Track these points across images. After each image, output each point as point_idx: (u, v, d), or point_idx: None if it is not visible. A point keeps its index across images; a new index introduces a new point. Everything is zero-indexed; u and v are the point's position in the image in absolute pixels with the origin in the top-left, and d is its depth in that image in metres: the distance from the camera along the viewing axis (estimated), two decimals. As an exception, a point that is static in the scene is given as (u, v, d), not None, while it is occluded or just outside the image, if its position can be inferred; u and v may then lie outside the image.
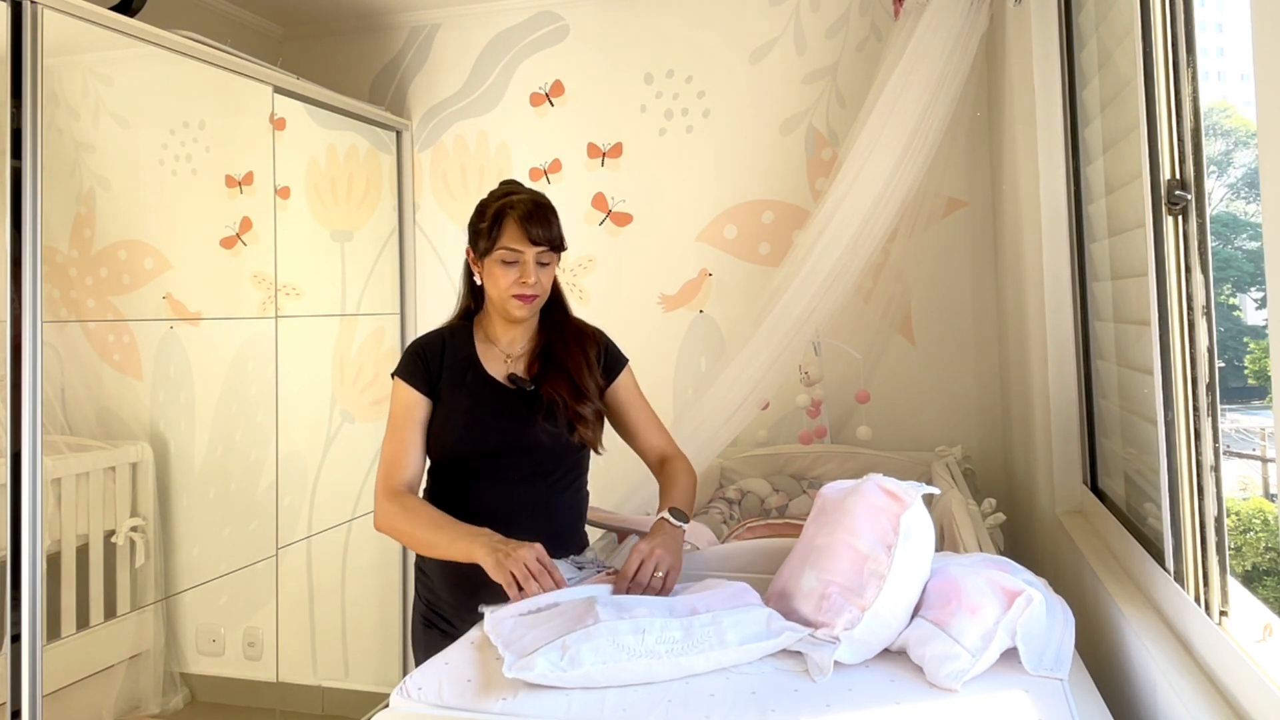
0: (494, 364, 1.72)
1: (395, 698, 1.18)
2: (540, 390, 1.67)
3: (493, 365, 1.71)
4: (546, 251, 1.64)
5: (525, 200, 1.64)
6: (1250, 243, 4.05)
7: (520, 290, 1.63)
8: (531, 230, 1.61)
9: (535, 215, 1.62)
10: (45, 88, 1.97)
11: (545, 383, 1.68)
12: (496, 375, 1.70)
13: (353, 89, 3.32)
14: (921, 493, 1.31)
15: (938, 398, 2.89)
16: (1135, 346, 1.58)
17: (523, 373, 1.71)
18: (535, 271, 1.63)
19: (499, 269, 1.63)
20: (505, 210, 1.63)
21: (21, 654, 1.87)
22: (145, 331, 2.52)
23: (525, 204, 1.63)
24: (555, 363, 1.71)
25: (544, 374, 1.70)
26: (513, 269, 1.63)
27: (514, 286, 1.63)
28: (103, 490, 2.39)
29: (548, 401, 1.66)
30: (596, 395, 1.72)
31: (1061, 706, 1.08)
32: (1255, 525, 4.04)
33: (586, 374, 1.71)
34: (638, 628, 1.19)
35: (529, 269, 1.62)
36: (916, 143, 2.28)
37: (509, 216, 1.62)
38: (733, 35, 3.05)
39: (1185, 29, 1.24)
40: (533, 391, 1.68)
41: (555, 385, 1.67)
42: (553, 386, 1.67)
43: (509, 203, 1.64)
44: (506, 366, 1.72)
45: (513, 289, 1.63)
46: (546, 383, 1.68)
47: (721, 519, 2.40)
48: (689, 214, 3.10)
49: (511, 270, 1.63)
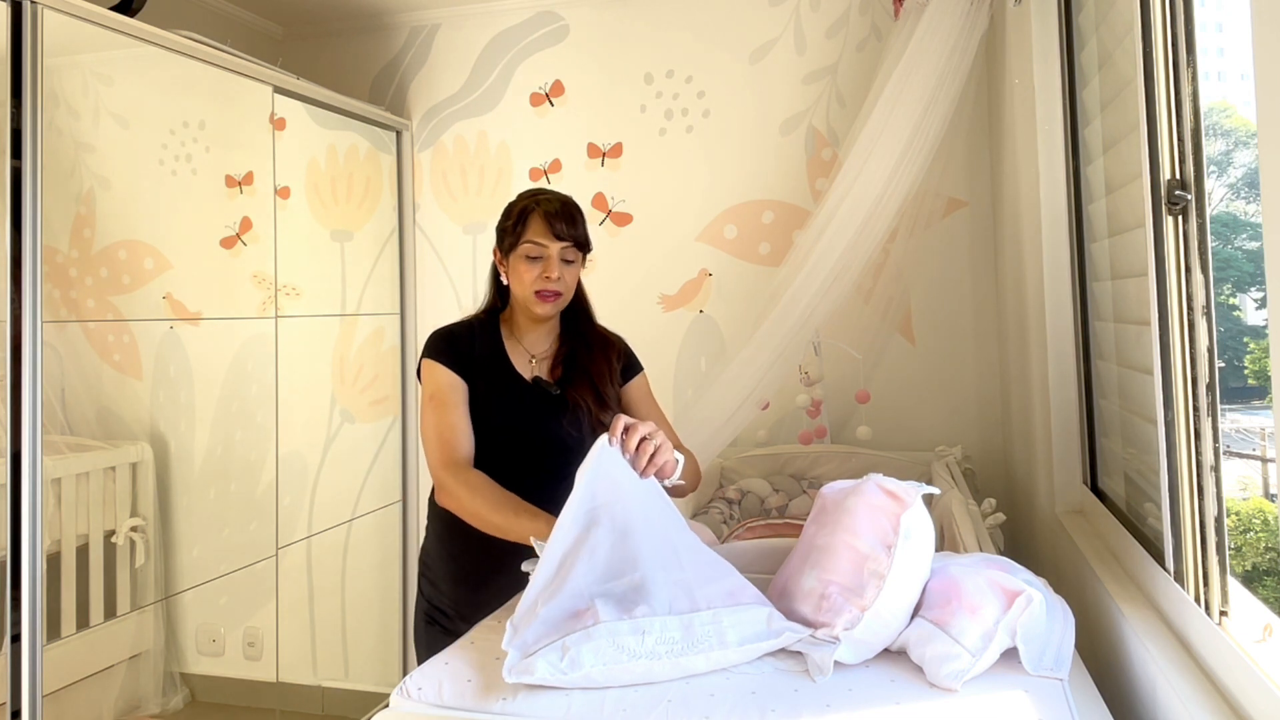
0: (520, 362, 1.74)
1: (395, 698, 1.19)
2: (566, 395, 1.70)
3: (519, 363, 1.74)
4: (571, 248, 1.67)
5: (552, 199, 1.68)
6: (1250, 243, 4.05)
7: (544, 285, 1.65)
8: (556, 225, 1.64)
9: (561, 213, 1.66)
10: (45, 88, 1.97)
11: (570, 388, 1.70)
12: (523, 374, 1.73)
13: (353, 89, 3.32)
14: (921, 493, 1.31)
15: (938, 398, 2.89)
16: (1135, 346, 1.58)
17: (546, 375, 1.74)
18: (559, 268, 1.65)
19: (523, 264, 1.66)
20: (531, 207, 1.66)
21: (21, 654, 1.87)
22: (145, 331, 2.52)
23: (552, 202, 1.67)
24: (579, 368, 1.73)
25: (569, 378, 1.72)
26: (536, 264, 1.65)
27: (537, 282, 1.65)
28: (103, 490, 2.39)
29: (573, 406, 1.68)
30: (616, 403, 1.75)
31: (1061, 706, 1.08)
32: (1255, 525, 4.04)
33: (609, 383, 1.74)
34: (638, 628, 1.19)
35: (553, 264, 1.65)
36: (916, 143, 2.28)
37: (534, 213, 1.65)
38: (733, 35, 3.05)
39: (1185, 29, 1.24)
40: (558, 396, 1.70)
41: (580, 391, 1.69)
42: (578, 392, 1.69)
43: (535, 200, 1.68)
44: (531, 368, 1.74)
45: (536, 284, 1.65)
46: (572, 388, 1.70)
47: (721, 519, 2.40)
48: (689, 214, 3.10)
49: (535, 265, 1.65)
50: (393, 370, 3.32)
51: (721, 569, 1.37)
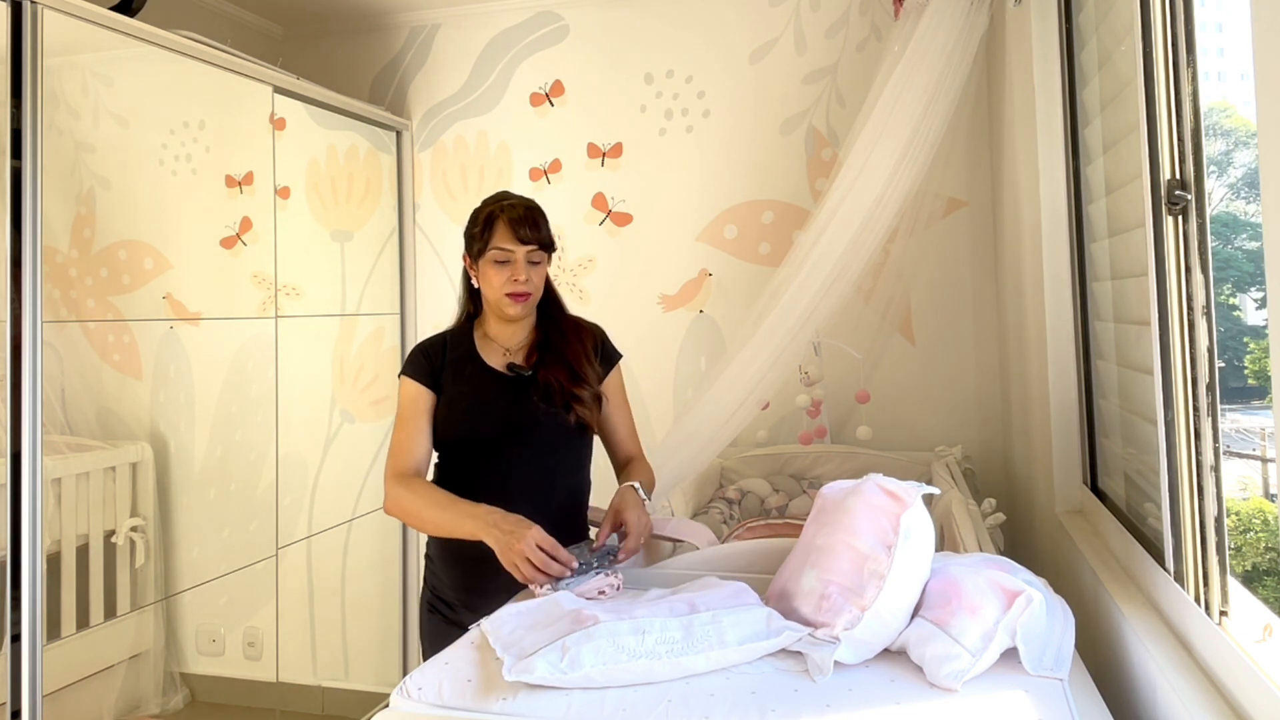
0: (493, 357, 1.80)
1: (395, 698, 1.19)
2: (537, 375, 1.76)
3: (492, 358, 1.80)
4: (536, 250, 1.74)
5: (515, 204, 1.75)
6: (1250, 243, 4.05)
7: (513, 288, 1.72)
8: (520, 231, 1.71)
9: (524, 217, 1.73)
10: (45, 88, 1.98)
11: (542, 368, 1.76)
12: (496, 366, 1.78)
13: (353, 89, 3.32)
14: (921, 493, 1.31)
15: (938, 398, 2.89)
16: (1135, 346, 1.58)
17: (521, 363, 1.79)
18: (526, 270, 1.72)
19: (492, 269, 1.73)
20: (496, 214, 1.74)
21: (21, 654, 1.87)
22: (145, 331, 2.52)
23: (515, 208, 1.74)
24: (553, 351, 1.80)
25: (542, 360, 1.78)
26: (505, 268, 1.72)
27: (507, 285, 1.72)
28: (103, 490, 2.39)
29: (544, 384, 1.74)
30: (596, 381, 1.80)
31: (1061, 706, 1.08)
32: (1255, 525, 4.04)
33: (585, 362, 1.79)
34: (638, 628, 1.19)
35: (520, 267, 1.72)
36: (916, 143, 2.28)
37: (499, 219, 1.73)
38: (733, 35, 3.05)
39: (1185, 29, 1.24)
40: (530, 376, 1.76)
41: (553, 371, 1.76)
42: (550, 372, 1.76)
43: (499, 207, 1.75)
44: (505, 358, 1.80)
45: (506, 287, 1.72)
46: (543, 368, 1.76)
47: (721, 519, 2.41)
48: (689, 214, 3.10)
49: (504, 270, 1.72)
50: (393, 370, 3.32)
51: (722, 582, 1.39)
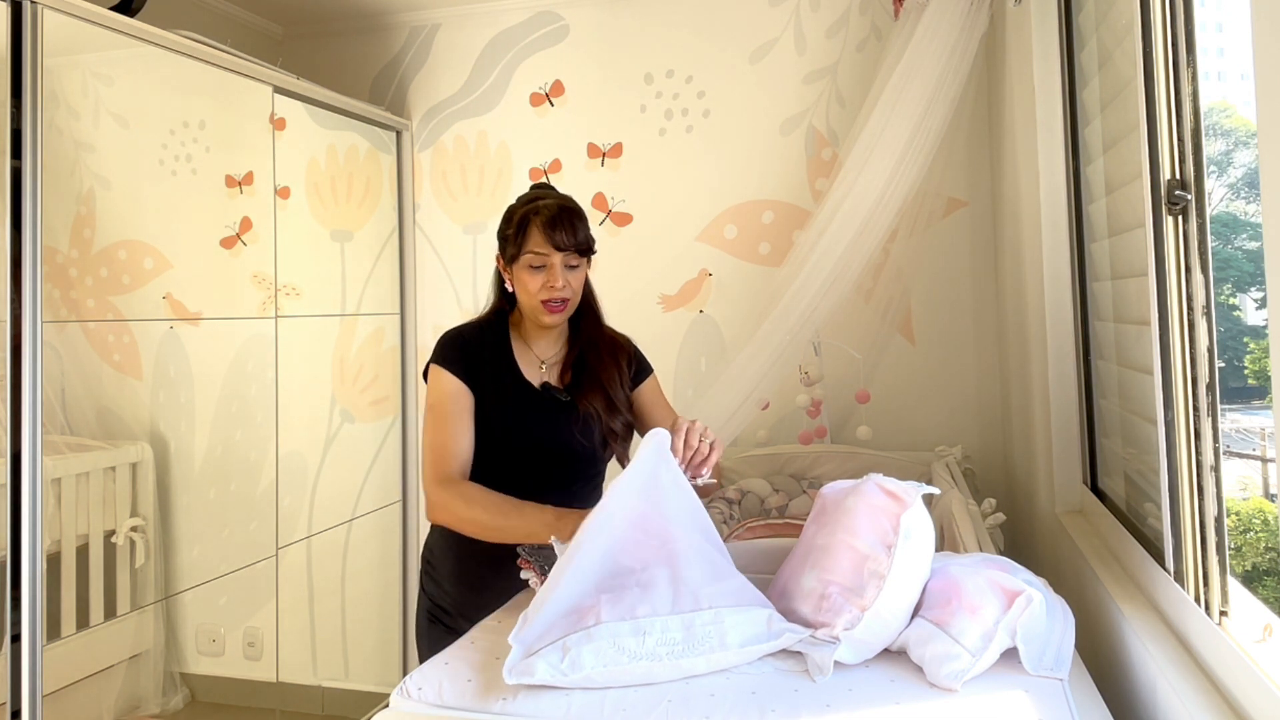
0: (529, 369, 1.72)
1: (395, 698, 1.19)
2: (576, 402, 1.68)
3: (528, 370, 1.72)
4: (573, 255, 1.64)
5: (550, 205, 1.64)
6: (1250, 243, 4.05)
7: (549, 295, 1.63)
8: (555, 236, 1.61)
9: (560, 220, 1.62)
10: (45, 88, 1.97)
11: (580, 395, 1.69)
12: (532, 381, 1.71)
13: (353, 89, 3.32)
14: (921, 493, 1.31)
15: (938, 398, 2.89)
16: (1135, 346, 1.58)
17: (556, 381, 1.72)
18: (563, 275, 1.63)
19: (527, 275, 1.63)
20: (530, 216, 1.63)
21: (21, 654, 1.87)
22: (145, 331, 2.52)
23: (550, 209, 1.63)
24: (589, 374, 1.71)
25: (578, 384, 1.70)
26: (540, 274, 1.63)
27: (542, 291, 1.62)
28: (103, 490, 2.39)
29: (584, 414, 1.67)
30: (626, 408, 1.73)
31: (1061, 706, 1.08)
32: (1255, 525, 4.03)
33: (618, 386, 1.72)
34: (639, 629, 1.19)
35: (556, 273, 1.62)
36: (916, 143, 2.28)
37: (534, 222, 1.62)
38: (733, 35, 3.05)
39: (1185, 29, 1.24)
40: (568, 402, 1.69)
41: (591, 398, 1.68)
42: (589, 399, 1.68)
43: (534, 208, 1.64)
44: (541, 374, 1.72)
45: (541, 294, 1.63)
46: (582, 395, 1.68)
47: (721, 519, 2.40)
48: (689, 214, 3.10)
49: (539, 275, 1.63)
50: (393, 370, 3.32)
51: (729, 570, 1.38)
